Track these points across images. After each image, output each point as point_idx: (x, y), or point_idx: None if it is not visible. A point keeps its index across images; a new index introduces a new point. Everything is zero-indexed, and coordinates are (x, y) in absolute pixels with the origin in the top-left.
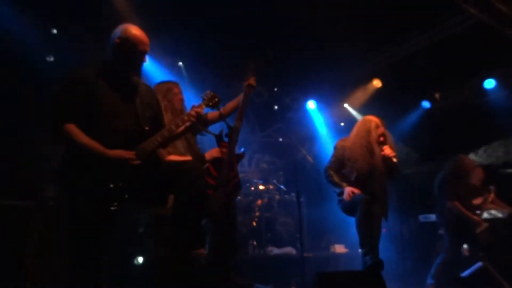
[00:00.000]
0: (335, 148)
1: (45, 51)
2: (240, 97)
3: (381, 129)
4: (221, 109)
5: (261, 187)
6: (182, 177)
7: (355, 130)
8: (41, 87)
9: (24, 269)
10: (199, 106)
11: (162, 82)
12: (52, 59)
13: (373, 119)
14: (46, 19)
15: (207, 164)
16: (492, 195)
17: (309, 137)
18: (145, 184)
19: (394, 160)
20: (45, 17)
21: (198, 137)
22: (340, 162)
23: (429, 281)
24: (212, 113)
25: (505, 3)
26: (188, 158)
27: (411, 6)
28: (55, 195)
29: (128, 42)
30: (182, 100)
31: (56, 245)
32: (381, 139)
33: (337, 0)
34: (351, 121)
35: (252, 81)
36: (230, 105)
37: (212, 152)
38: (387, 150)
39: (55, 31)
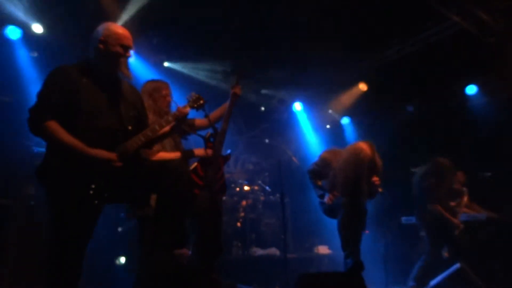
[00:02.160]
0: (320, 158)
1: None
2: (225, 105)
3: (374, 165)
4: (210, 116)
5: (246, 188)
6: (165, 177)
7: (346, 156)
8: (24, 83)
9: (3, 269)
10: (184, 107)
11: (151, 81)
12: (36, 54)
13: (367, 151)
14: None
15: (195, 164)
16: (465, 197)
17: (295, 139)
18: (127, 184)
19: (380, 190)
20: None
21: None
22: (321, 172)
23: (410, 283)
24: (200, 120)
25: (486, 12)
26: (177, 154)
27: (397, 13)
28: (36, 193)
29: (111, 39)
30: (169, 102)
31: (36, 245)
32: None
33: (326, 5)
34: (337, 123)
35: (237, 89)
36: (216, 113)
37: (198, 151)
38: (375, 179)
39: (40, 29)
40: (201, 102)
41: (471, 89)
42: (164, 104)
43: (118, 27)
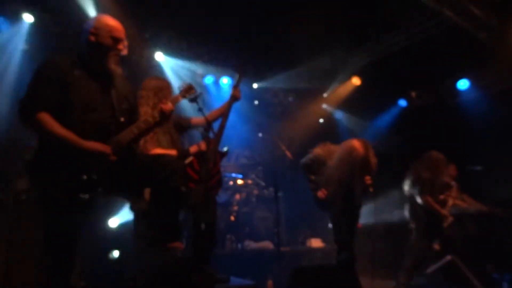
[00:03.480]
0: (314, 153)
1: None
2: (224, 106)
3: (367, 164)
4: (208, 116)
5: (239, 181)
6: (157, 171)
7: (339, 155)
8: (16, 76)
9: None
10: (176, 97)
11: (155, 78)
12: (26, 47)
13: (359, 150)
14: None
15: (191, 158)
16: (454, 191)
17: (288, 133)
18: (120, 177)
19: (371, 189)
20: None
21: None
22: (314, 167)
23: (401, 275)
24: (196, 119)
25: (479, 7)
26: (173, 151)
27: (391, 7)
28: (27, 187)
29: (103, 31)
30: None
31: (27, 240)
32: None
33: None
34: (330, 117)
35: (237, 92)
36: (215, 112)
37: (193, 148)
38: (367, 178)
39: (31, 19)
40: (193, 91)
41: (463, 84)
42: None
43: (110, 19)
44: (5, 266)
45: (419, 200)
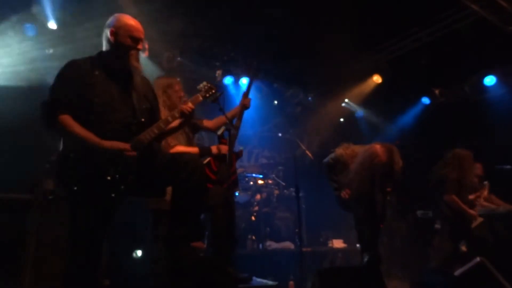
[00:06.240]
0: (336, 154)
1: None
2: (233, 111)
3: (389, 171)
4: (227, 114)
5: (260, 182)
6: (179, 169)
7: (361, 160)
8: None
9: (22, 265)
10: (196, 97)
11: (163, 77)
12: (51, 51)
13: (381, 157)
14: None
15: (209, 158)
16: (486, 191)
17: (308, 133)
18: (143, 176)
19: (388, 198)
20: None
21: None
22: (336, 167)
23: (425, 275)
24: (207, 121)
25: (506, 0)
26: (195, 149)
27: (413, 2)
28: (55, 188)
29: (122, 30)
30: (181, 97)
31: (54, 240)
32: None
33: None
34: (351, 117)
35: (247, 101)
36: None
37: (214, 147)
38: (388, 190)
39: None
40: (213, 91)
41: (489, 80)
42: (178, 99)
43: (129, 19)
44: (34, 265)
45: (445, 199)
